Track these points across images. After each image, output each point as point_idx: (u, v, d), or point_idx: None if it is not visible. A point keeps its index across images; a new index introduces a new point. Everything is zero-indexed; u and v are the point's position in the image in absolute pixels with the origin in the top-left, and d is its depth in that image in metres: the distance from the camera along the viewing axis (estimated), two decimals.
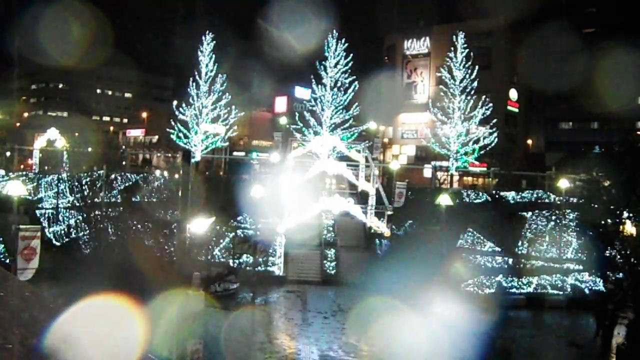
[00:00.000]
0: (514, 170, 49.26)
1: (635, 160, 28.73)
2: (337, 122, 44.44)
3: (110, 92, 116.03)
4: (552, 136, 71.35)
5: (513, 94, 70.12)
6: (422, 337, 17.64)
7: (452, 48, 49.15)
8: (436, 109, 49.50)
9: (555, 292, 28.62)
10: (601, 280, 26.45)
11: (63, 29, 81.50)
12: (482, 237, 31.73)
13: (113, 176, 35.35)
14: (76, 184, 34.47)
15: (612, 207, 28.49)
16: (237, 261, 29.83)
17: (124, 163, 47.99)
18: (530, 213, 33.26)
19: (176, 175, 35.49)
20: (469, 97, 48.17)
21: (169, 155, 54.82)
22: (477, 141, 48.03)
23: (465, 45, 48.93)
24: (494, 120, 49.53)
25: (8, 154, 50.81)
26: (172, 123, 47.89)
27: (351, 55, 44.85)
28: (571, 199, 32.98)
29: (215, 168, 52.73)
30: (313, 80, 45.60)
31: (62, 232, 31.38)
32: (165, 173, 39.92)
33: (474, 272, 28.22)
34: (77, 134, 61.18)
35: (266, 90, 77.28)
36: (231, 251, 29.98)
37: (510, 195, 37.50)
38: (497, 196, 37.46)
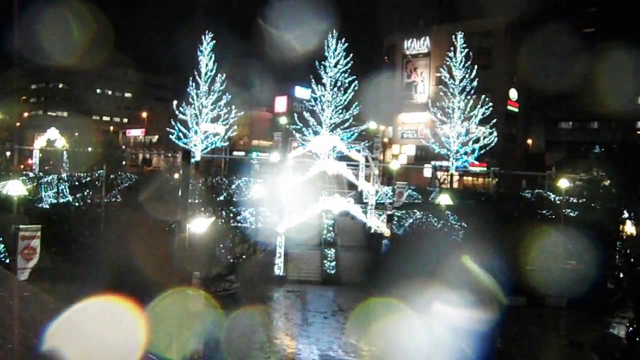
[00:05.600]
0: (514, 170, 49.30)
1: (636, 160, 28.76)
2: (337, 122, 44.44)
3: (110, 92, 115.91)
4: (552, 136, 71.32)
5: (513, 93, 70.10)
6: (422, 337, 17.64)
7: (452, 48, 49.17)
8: (436, 108, 49.50)
9: (556, 292, 28.54)
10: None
11: (63, 29, 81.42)
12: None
13: (113, 176, 35.33)
14: (76, 184, 34.47)
15: (612, 207, 28.54)
16: (237, 261, 29.80)
17: (124, 163, 48.00)
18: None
19: (176, 175, 35.45)
20: (468, 97, 48.19)
21: (169, 155, 54.83)
22: (477, 141, 48.04)
23: (465, 45, 48.96)
24: (494, 120, 49.55)
25: (8, 154, 50.80)
26: (172, 123, 47.90)
27: (351, 55, 44.92)
28: (571, 198, 32.99)
29: (215, 168, 52.73)
30: (313, 80, 45.61)
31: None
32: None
33: (475, 272, 28.19)
34: (77, 134, 61.17)
35: (266, 90, 77.23)
36: (231, 251, 29.94)
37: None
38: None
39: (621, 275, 28.11)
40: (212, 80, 47.75)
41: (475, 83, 48.10)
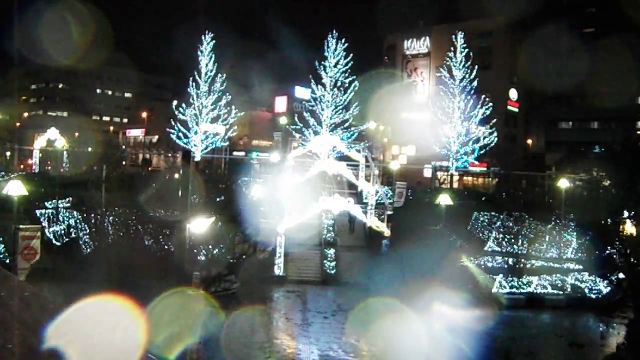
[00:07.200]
0: (514, 170, 49.25)
1: (635, 159, 28.77)
2: (336, 122, 44.43)
3: (110, 92, 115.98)
4: (552, 136, 71.34)
5: (513, 94, 70.13)
6: (422, 337, 17.66)
7: (452, 48, 49.14)
8: (436, 108, 49.49)
9: (556, 292, 28.58)
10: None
11: (63, 29, 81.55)
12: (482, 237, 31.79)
13: (113, 176, 35.35)
14: (76, 183, 34.47)
15: (612, 207, 28.55)
16: (237, 261, 29.81)
17: (124, 163, 48.01)
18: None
19: (176, 175, 35.49)
20: (468, 97, 48.15)
21: (169, 155, 54.83)
22: (477, 141, 48.02)
23: (465, 45, 48.91)
24: (494, 120, 49.53)
25: (8, 154, 50.82)
26: (172, 123, 47.88)
27: (351, 55, 44.90)
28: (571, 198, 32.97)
29: (215, 168, 52.74)
30: (313, 80, 45.60)
31: (62, 232, 31.35)
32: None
33: (475, 272, 28.24)
34: (77, 134, 61.21)
35: (266, 90, 77.28)
36: (231, 251, 29.96)
37: None
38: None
39: (621, 275, 28.12)
40: (212, 81, 47.70)
41: (475, 83, 48.06)
